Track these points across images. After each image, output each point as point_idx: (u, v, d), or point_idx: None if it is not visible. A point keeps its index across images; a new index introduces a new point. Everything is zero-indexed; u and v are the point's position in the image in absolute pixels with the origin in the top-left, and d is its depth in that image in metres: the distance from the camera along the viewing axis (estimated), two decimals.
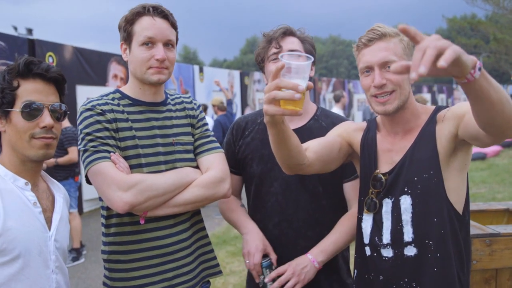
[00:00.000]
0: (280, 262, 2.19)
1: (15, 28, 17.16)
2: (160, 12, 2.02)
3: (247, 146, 2.34)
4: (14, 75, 1.68)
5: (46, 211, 1.76)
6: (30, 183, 1.73)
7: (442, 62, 1.09)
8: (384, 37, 1.83)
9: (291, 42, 2.24)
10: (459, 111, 1.76)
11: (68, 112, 1.83)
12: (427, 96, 27.11)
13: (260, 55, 2.31)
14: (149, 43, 1.99)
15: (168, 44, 2.03)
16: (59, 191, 1.89)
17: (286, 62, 1.46)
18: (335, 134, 2.09)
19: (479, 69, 1.26)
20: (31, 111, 1.67)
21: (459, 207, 1.84)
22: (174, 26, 2.07)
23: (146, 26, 1.99)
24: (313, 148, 1.92)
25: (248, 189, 2.38)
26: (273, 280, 2.13)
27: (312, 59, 1.52)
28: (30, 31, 14.42)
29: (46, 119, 1.69)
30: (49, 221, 1.76)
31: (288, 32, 2.27)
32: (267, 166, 2.24)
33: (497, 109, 1.37)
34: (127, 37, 2.03)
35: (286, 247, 2.22)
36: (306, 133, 2.22)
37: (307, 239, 2.20)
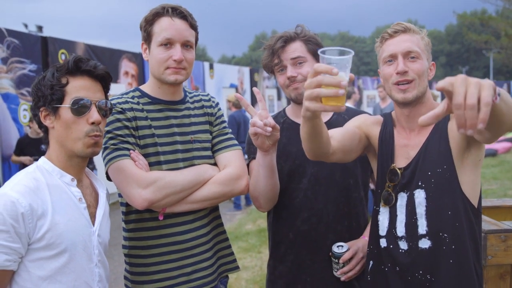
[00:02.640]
0: (309, 258, 2.23)
1: (26, 25, 17.28)
2: (179, 13, 2.04)
3: None
4: (64, 72, 1.72)
5: (90, 207, 1.81)
6: (75, 179, 1.78)
7: (481, 126, 1.12)
8: (409, 31, 1.95)
9: (293, 51, 2.21)
10: None
11: (112, 109, 1.88)
12: (437, 92, 26.91)
13: (268, 67, 2.32)
14: (168, 43, 2.01)
15: (186, 45, 2.05)
16: (102, 187, 1.94)
17: (326, 58, 1.42)
18: (354, 126, 2.10)
19: (499, 94, 1.28)
20: (80, 107, 1.71)
21: (474, 200, 1.88)
22: (193, 27, 2.09)
23: (164, 27, 2.01)
24: (336, 137, 1.94)
25: None
26: (344, 264, 2.15)
27: (353, 52, 1.46)
28: (40, 28, 14.54)
29: (94, 115, 1.73)
30: (92, 217, 1.81)
31: (288, 40, 2.23)
32: (295, 163, 2.23)
33: (506, 119, 1.41)
34: (147, 37, 2.06)
35: (315, 242, 2.22)
36: (332, 127, 2.15)
37: (336, 233, 2.22)
